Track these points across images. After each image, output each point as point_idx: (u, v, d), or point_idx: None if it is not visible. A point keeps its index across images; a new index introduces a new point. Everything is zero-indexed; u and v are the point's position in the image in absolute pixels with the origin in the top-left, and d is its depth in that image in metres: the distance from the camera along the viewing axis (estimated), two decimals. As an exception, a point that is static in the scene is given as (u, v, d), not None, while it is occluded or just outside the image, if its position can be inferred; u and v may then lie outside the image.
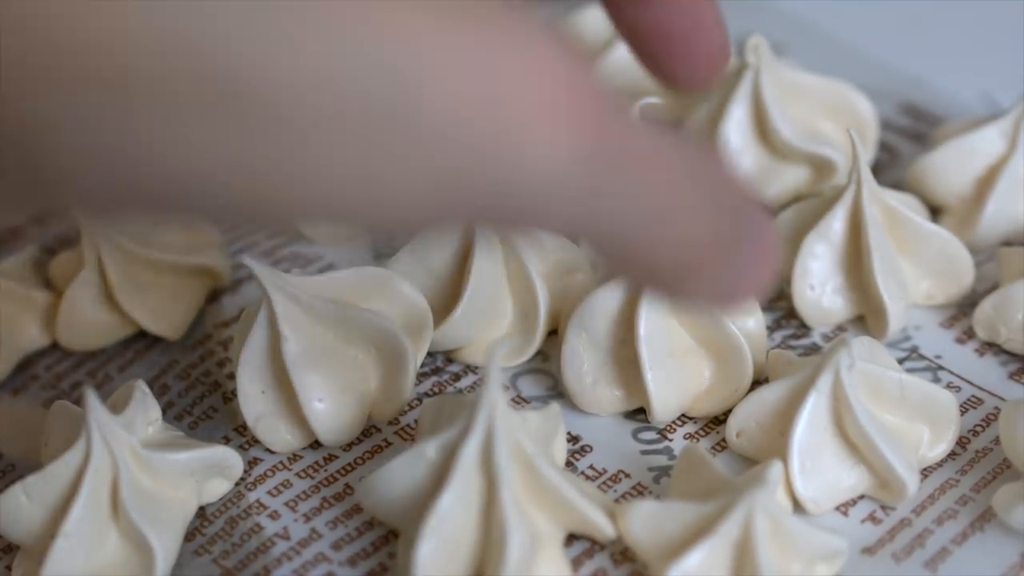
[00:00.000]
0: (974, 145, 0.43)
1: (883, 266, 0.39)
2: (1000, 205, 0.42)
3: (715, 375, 0.37)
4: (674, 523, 0.32)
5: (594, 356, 0.37)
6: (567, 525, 0.34)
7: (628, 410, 0.38)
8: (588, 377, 0.37)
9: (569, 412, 0.38)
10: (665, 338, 0.37)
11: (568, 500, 0.33)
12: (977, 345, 0.40)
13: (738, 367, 0.37)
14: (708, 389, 0.38)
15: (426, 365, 0.39)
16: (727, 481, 0.33)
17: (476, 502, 0.32)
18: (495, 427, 0.32)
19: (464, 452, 0.32)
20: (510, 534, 0.31)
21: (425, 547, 0.32)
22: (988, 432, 0.37)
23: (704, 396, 0.37)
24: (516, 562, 0.31)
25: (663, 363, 0.36)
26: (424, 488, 0.33)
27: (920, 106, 0.48)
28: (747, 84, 0.43)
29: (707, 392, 0.37)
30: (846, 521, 0.35)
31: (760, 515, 0.32)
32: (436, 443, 0.33)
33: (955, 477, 0.36)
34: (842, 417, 0.35)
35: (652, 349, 0.36)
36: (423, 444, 0.33)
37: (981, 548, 0.34)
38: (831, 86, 0.44)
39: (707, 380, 0.37)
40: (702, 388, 0.38)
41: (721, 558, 0.32)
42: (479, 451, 0.32)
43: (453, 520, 0.32)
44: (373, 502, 0.34)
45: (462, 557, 0.32)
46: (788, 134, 0.43)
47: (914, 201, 0.42)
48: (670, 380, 0.37)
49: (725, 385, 0.37)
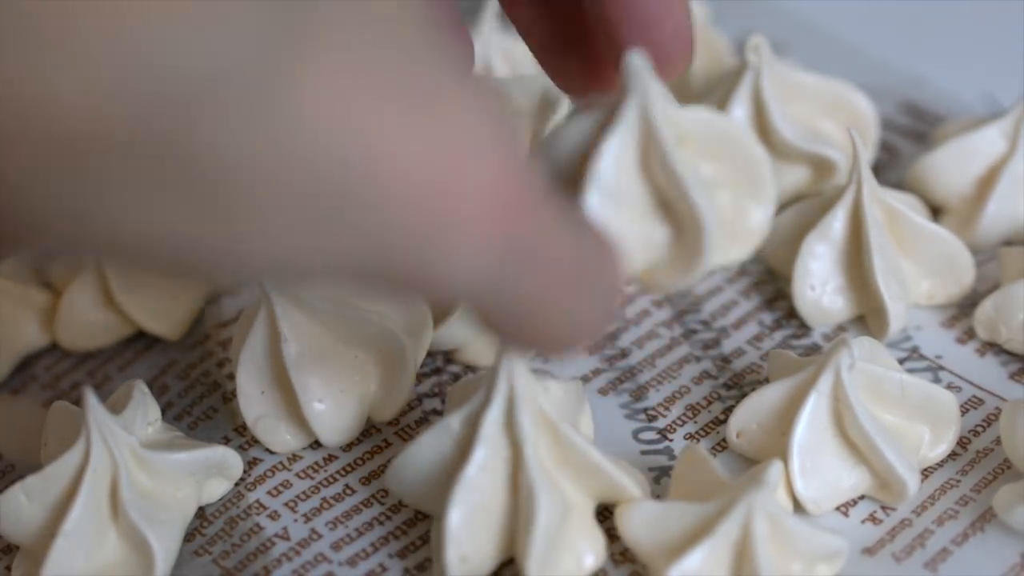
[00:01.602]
0: (975, 145, 0.43)
1: (883, 266, 0.39)
2: (1000, 205, 0.42)
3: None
4: (674, 523, 0.32)
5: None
6: (596, 492, 0.34)
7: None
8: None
9: (569, 412, 0.38)
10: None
11: (596, 464, 0.33)
12: (978, 345, 0.40)
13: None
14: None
15: (426, 365, 0.39)
16: (727, 481, 0.33)
17: (503, 469, 0.32)
18: (516, 392, 0.32)
19: (487, 419, 0.32)
20: (539, 500, 0.32)
21: (455, 515, 0.32)
22: (989, 432, 0.37)
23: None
24: (545, 528, 0.32)
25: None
26: (452, 462, 0.33)
27: (920, 106, 0.48)
28: (747, 84, 0.43)
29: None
30: (846, 521, 0.35)
31: (760, 515, 0.32)
32: (459, 416, 0.33)
33: (955, 477, 0.36)
34: (842, 417, 0.35)
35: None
36: (447, 418, 0.33)
37: (982, 548, 0.34)
38: (831, 86, 0.44)
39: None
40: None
41: (721, 558, 0.32)
42: (502, 416, 0.32)
43: (481, 488, 0.32)
44: (402, 485, 0.34)
45: (493, 526, 0.32)
46: (788, 134, 0.43)
47: (914, 201, 0.42)
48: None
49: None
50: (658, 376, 0.39)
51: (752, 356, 0.40)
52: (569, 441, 0.33)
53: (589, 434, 0.36)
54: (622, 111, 0.28)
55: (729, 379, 0.39)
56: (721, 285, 0.42)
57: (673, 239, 0.30)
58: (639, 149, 0.29)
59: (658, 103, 0.29)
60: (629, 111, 0.28)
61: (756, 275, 0.42)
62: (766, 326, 0.41)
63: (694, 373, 0.39)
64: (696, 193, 0.29)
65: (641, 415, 0.38)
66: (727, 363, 0.39)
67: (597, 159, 0.28)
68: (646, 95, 0.28)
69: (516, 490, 0.32)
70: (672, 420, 0.38)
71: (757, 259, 0.42)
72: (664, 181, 0.29)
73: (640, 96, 0.28)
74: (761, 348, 0.40)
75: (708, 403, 0.38)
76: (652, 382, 0.39)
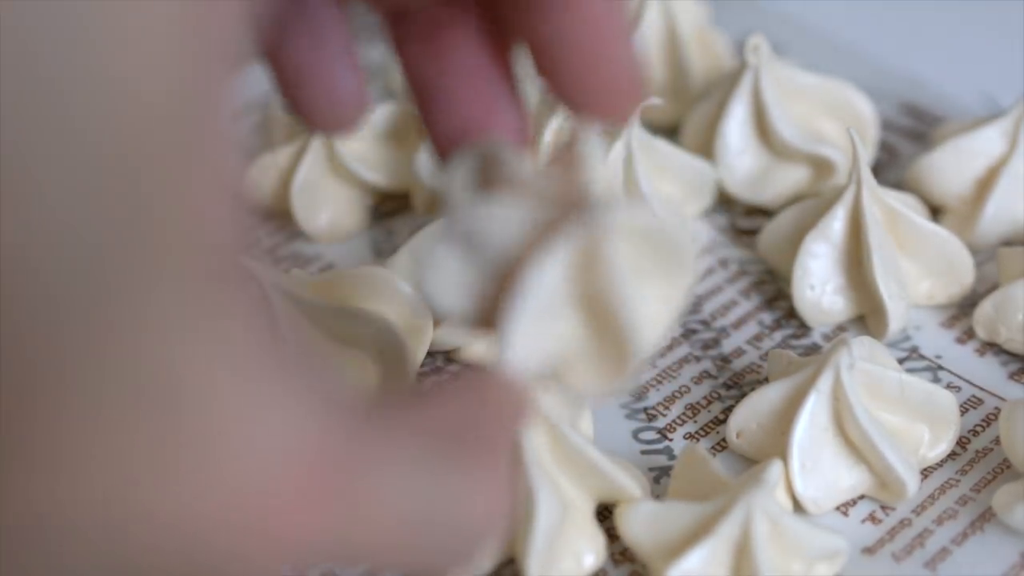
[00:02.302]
0: (974, 145, 0.43)
1: (883, 266, 0.39)
2: (1000, 205, 0.42)
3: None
4: (674, 523, 0.32)
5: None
6: (596, 492, 0.34)
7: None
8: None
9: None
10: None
11: (595, 464, 0.33)
12: (977, 345, 0.40)
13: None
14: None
15: (426, 365, 0.39)
16: (727, 481, 0.33)
17: None
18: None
19: None
20: (539, 500, 0.32)
21: None
22: (988, 432, 0.37)
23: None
24: (545, 528, 0.32)
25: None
26: None
27: (920, 106, 0.48)
28: (747, 84, 0.43)
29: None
30: (846, 521, 0.35)
31: (760, 515, 0.32)
32: None
33: (955, 477, 0.36)
34: (842, 417, 0.35)
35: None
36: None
37: (981, 548, 0.34)
38: (831, 86, 0.44)
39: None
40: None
41: (721, 558, 0.32)
42: None
43: None
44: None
45: None
46: (788, 134, 0.43)
47: (914, 201, 0.42)
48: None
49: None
50: (658, 376, 0.39)
51: (752, 356, 0.40)
52: (569, 441, 0.33)
53: (589, 434, 0.36)
54: (575, 222, 0.25)
55: (729, 379, 0.39)
56: (721, 285, 0.42)
57: (595, 346, 0.27)
58: (580, 255, 0.26)
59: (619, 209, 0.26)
60: (583, 219, 0.26)
61: (756, 275, 0.42)
62: (766, 326, 0.41)
63: (694, 373, 0.39)
64: (629, 308, 0.26)
65: (641, 415, 0.38)
66: (727, 363, 0.39)
67: (537, 272, 0.25)
68: (603, 217, 0.25)
69: (516, 490, 0.32)
70: (672, 420, 0.38)
71: (757, 259, 0.42)
72: (599, 286, 0.26)
73: (594, 218, 0.25)
74: (761, 348, 0.40)
75: (708, 403, 0.38)
76: (652, 382, 0.39)
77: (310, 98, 0.30)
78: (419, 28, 0.29)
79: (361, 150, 0.44)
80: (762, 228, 0.42)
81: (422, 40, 0.29)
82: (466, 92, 0.29)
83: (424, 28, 0.29)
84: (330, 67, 0.29)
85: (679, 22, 0.47)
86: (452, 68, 0.29)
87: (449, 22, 0.29)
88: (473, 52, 0.29)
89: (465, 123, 0.29)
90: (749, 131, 0.44)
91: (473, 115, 0.29)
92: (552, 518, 0.32)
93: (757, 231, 0.43)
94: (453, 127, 0.29)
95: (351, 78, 0.30)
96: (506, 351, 0.25)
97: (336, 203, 0.44)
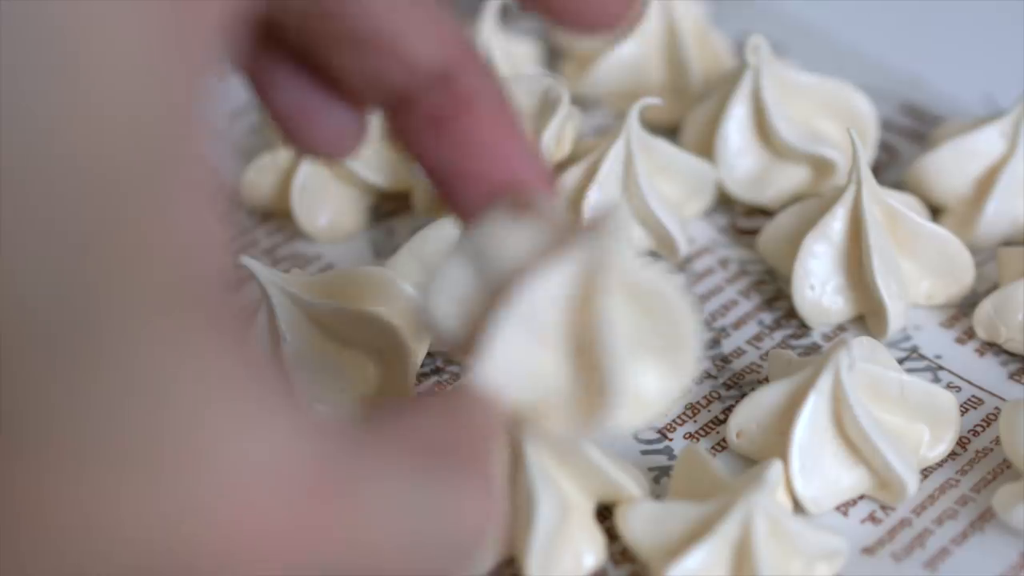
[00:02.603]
0: (974, 145, 0.43)
1: (883, 266, 0.39)
2: (1000, 205, 0.42)
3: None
4: (674, 523, 0.32)
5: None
6: (596, 492, 0.34)
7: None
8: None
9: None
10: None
11: (595, 464, 0.33)
12: (977, 345, 0.40)
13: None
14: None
15: (426, 365, 0.39)
16: (727, 481, 0.33)
17: (502, 469, 0.32)
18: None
19: None
20: (538, 500, 0.32)
21: None
22: (988, 432, 0.37)
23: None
24: (545, 528, 0.32)
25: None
26: None
27: (920, 106, 0.48)
28: (747, 84, 0.43)
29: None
30: (846, 521, 0.35)
31: (759, 515, 0.32)
32: None
33: (955, 477, 0.36)
34: (842, 417, 0.35)
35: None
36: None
37: (981, 548, 0.34)
38: (831, 86, 0.44)
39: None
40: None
41: (721, 558, 0.32)
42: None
43: None
44: None
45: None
46: (788, 134, 0.43)
47: (914, 201, 0.42)
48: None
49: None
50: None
51: (752, 356, 0.40)
52: (568, 441, 0.33)
53: None
54: (576, 247, 0.26)
55: (729, 379, 0.39)
56: (721, 285, 0.42)
57: (575, 388, 0.26)
58: (577, 287, 0.26)
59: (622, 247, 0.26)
60: (582, 250, 0.26)
61: (756, 275, 0.42)
62: (766, 326, 0.41)
63: (693, 372, 0.39)
64: (614, 353, 0.26)
65: (641, 415, 0.38)
66: (727, 363, 0.39)
67: (528, 291, 0.25)
68: (607, 245, 0.25)
69: (516, 490, 0.32)
70: (672, 420, 0.38)
71: (757, 259, 0.42)
72: (590, 326, 0.26)
73: (599, 245, 0.25)
74: (761, 348, 0.40)
75: (708, 403, 0.38)
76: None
77: (306, 136, 0.29)
78: (425, 114, 0.28)
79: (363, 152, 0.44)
80: (762, 228, 0.42)
81: (431, 127, 0.28)
82: (490, 164, 0.28)
83: (429, 114, 0.28)
84: (326, 107, 0.29)
85: (679, 22, 0.47)
86: (471, 146, 0.28)
87: (453, 103, 0.28)
88: (485, 121, 0.28)
89: (495, 189, 0.28)
90: (749, 131, 0.44)
91: (503, 179, 0.28)
92: (552, 518, 0.32)
93: (757, 231, 0.43)
94: (482, 197, 0.28)
95: (348, 114, 0.29)
96: (482, 364, 0.25)
97: (336, 203, 0.44)
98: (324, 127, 0.29)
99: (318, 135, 0.29)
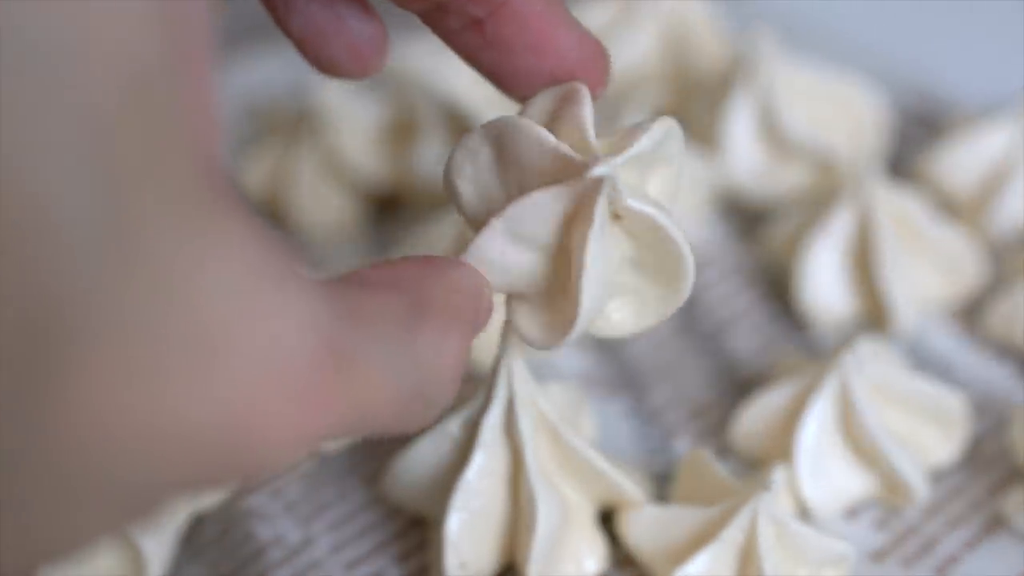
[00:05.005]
0: (982, 142, 0.43)
1: (890, 265, 0.39)
2: (1009, 204, 0.42)
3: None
4: (677, 528, 0.32)
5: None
6: (598, 496, 0.33)
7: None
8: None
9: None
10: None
11: (597, 468, 0.33)
12: (986, 346, 0.39)
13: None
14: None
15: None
16: (731, 485, 0.33)
17: (503, 473, 0.32)
18: (516, 395, 0.32)
19: (486, 423, 0.32)
20: (539, 505, 0.31)
21: (454, 521, 0.32)
22: (998, 435, 0.37)
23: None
24: (546, 533, 0.31)
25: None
26: (451, 467, 0.33)
27: (927, 103, 0.48)
28: (749, 82, 0.43)
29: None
30: (853, 526, 0.35)
31: (765, 520, 0.31)
32: (459, 419, 0.33)
33: (964, 482, 0.36)
34: (849, 420, 0.34)
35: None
36: (446, 422, 0.33)
37: (991, 555, 0.34)
38: (835, 85, 0.44)
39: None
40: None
41: (725, 564, 0.31)
42: (502, 420, 0.32)
43: (480, 493, 0.32)
44: (399, 490, 0.34)
45: (493, 531, 0.32)
46: (792, 133, 0.43)
47: (921, 199, 0.41)
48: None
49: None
50: (660, 377, 0.39)
51: (753, 356, 0.39)
52: (570, 444, 0.32)
53: (590, 436, 0.35)
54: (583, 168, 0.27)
55: (731, 380, 0.39)
56: (721, 283, 0.42)
57: (552, 291, 0.28)
58: (571, 203, 0.27)
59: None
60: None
61: (757, 275, 0.42)
62: (767, 326, 0.40)
63: (697, 374, 0.39)
64: (590, 273, 0.27)
65: (643, 417, 0.38)
66: (729, 364, 0.39)
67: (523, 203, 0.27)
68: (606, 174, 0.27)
69: (516, 495, 0.32)
70: (675, 422, 0.37)
71: (758, 259, 0.42)
72: (577, 244, 0.27)
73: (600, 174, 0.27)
74: (763, 348, 0.40)
75: (711, 405, 0.38)
76: (654, 383, 0.39)
77: (329, 56, 0.30)
78: (461, 16, 0.29)
79: (360, 149, 0.44)
80: (764, 227, 0.42)
81: (470, 29, 0.29)
82: (535, 59, 0.29)
83: (465, 15, 0.29)
84: (343, 21, 0.30)
85: (679, 21, 0.47)
86: (512, 43, 0.29)
87: (486, 1, 0.29)
88: (523, 16, 0.29)
89: (544, 83, 0.29)
90: (751, 129, 0.44)
91: (550, 70, 0.29)
92: (553, 523, 0.32)
93: (758, 230, 0.43)
94: (533, 91, 0.29)
95: (366, 25, 0.30)
96: (479, 241, 0.27)
97: (335, 203, 0.44)
98: (344, 45, 0.30)
99: (338, 54, 0.30)
